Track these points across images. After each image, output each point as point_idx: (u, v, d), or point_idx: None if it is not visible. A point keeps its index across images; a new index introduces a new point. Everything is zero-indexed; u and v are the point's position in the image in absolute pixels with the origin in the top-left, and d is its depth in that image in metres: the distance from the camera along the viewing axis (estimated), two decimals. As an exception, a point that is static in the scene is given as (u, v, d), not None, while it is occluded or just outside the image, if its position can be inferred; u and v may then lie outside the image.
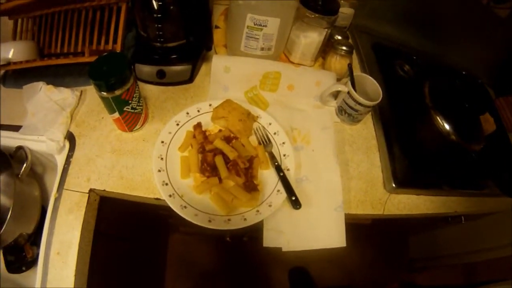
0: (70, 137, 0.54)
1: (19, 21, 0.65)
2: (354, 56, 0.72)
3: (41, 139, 0.53)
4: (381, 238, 1.21)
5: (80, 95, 0.58)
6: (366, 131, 0.62)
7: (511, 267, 0.78)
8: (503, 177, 0.67)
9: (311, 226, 0.50)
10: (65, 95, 0.57)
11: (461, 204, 0.62)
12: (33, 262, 0.53)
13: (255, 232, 0.48)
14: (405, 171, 0.58)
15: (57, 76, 0.60)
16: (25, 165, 0.51)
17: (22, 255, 0.53)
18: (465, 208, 0.62)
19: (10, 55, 0.59)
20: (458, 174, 0.63)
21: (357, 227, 0.77)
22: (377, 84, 0.57)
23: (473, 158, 0.62)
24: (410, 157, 0.60)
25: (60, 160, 0.52)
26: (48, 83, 0.58)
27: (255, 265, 1.14)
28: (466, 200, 0.63)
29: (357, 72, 0.66)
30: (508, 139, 0.75)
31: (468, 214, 0.67)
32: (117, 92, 0.45)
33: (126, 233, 0.78)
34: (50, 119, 0.54)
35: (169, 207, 0.45)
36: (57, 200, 0.49)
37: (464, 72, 0.79)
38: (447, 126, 0.56)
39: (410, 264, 1.19)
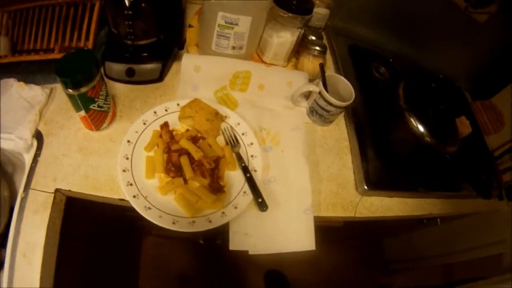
0: (38, 136, 0.53)
1: (-6, 16, 0.64)
2: (329, 57, 0.71)
3: (11, 137, 0.52)
4: (358, 240, 1.21)
5: (50, 92, 0.57)
6: (338, 132, 0.61)
7: (489, 266, 0.79)
8: (480, 179, 0.67)
9: (279, 228, 0.49)
10: (35, 93, 0.56)
11: (436, 206, 0.62)
12: (1, 265, 0.52)
13: (227, 235, 0.48)
14: (378, 173, 0.58)
15: (29, 73, 0.59)
16: (-7, 164, 0.50)
17: (-9, 258, 0.52)
18: (440, 209, 0.62)
19: (-17, 50, 0.57)
20: (433, 176, 0.63)
21: (331, 230, 0.77)
22: (349, 85, 0.57)
23: (447, 160, 0.62)
24: (383, 159, 0.60)
25: (28, 159, 0.51)
26: (19, 80, 0.56)
27: (229, 268, 1.13)
28: (441, 202, 0.63)
29: (331, 73, 0.66)
30: (485, 142, 0.76)
31: (444, 216, 0.67)
32: (83, 90, 0.44)
33: (96, 236, 0.76)
34: (20, 116, 0.53)
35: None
36: (23, 200, 0.47)
37: (441, 76, 0.79)
38: (420, 128, 0.56)
39: (387, 265, 1.19)
